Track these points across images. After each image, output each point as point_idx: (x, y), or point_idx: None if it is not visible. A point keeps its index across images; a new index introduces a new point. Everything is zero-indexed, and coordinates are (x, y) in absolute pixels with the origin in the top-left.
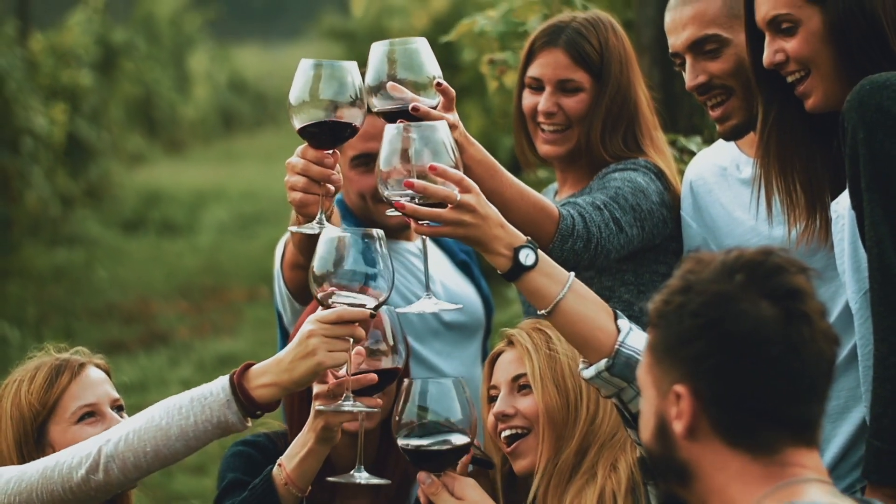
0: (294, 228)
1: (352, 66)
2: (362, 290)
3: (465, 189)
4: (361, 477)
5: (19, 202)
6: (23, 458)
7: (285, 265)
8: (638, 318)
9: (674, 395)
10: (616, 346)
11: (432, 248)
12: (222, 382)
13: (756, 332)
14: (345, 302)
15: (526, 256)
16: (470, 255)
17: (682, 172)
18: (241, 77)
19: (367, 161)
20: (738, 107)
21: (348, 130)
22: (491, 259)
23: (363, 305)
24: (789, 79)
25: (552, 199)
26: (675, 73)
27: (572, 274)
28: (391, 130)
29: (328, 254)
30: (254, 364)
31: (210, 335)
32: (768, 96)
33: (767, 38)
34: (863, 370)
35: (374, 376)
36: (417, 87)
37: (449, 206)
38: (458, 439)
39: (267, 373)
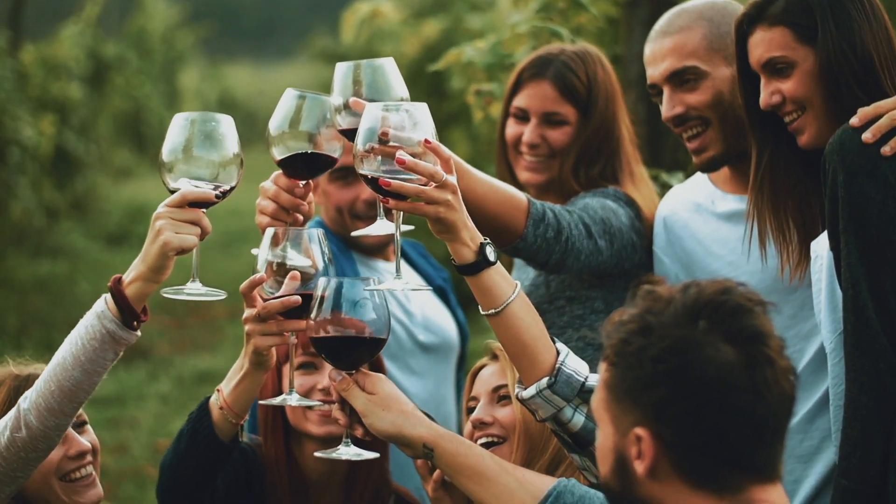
0: (257, 252)
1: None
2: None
3: (449, 170)
4: (350, 452)
5: (4, 213)
6: None
7: None
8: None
9: (634, 437)
10: (558, 365)
11: (409, 271)
12: (100, 298)
13: (721, 379)
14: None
15: (490, 252)
16: (447, 282)
17: None
18: (231, 95)
19: (346, 175)
20: (715, 138)
21: (326, 163)
22: (457, 248)
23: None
24: (787, 119)
25: None
26: (659, 110)
27: (519, 283)
28: (372, 109)
29: (177, 140)
30: None
31: (190, 351)
32: (761, 137)
33: (763, 81)
34: (834, 409)
35: (298, 298)
36: None
37: (433, 185)
38: (372, 336)
39: (130, 270)
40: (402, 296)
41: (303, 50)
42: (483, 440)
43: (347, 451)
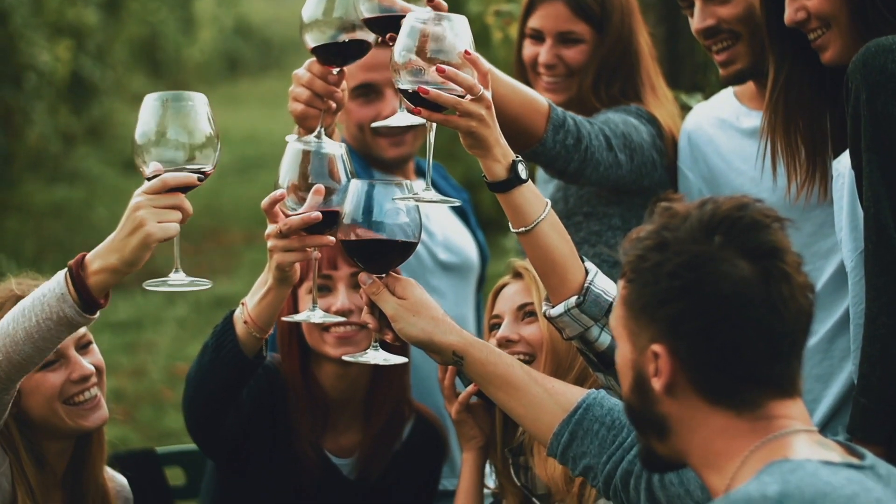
0: (291, 139)
1: None
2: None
3: (487, 85)
4: (378, 357)
5: (20, 138)
6: None
7: None
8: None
9: (651, 353)
10: (587, 285)
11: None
12: (59, 276)
13: (737, 295)
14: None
15: (522, 169)
16: (467, 203)
17: None
18: (246, 22)
19: (367, 92)
20: (744, 52)
21: (359, 49)
22: (488, 165)
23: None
24: (811, 36)
25: None
26: (679, 31)
27: (549, 201)
28: (412, 20)
29: (150, 122)
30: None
31: (207, 276)
32: (780, 56)
33: None
34: (853, 328)
35: (319, 214)
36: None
37: (469, 97)
38: (405, 238)
39: (98, 258)
40: (423, 215)
41: None
42: None
43: (376, 356)
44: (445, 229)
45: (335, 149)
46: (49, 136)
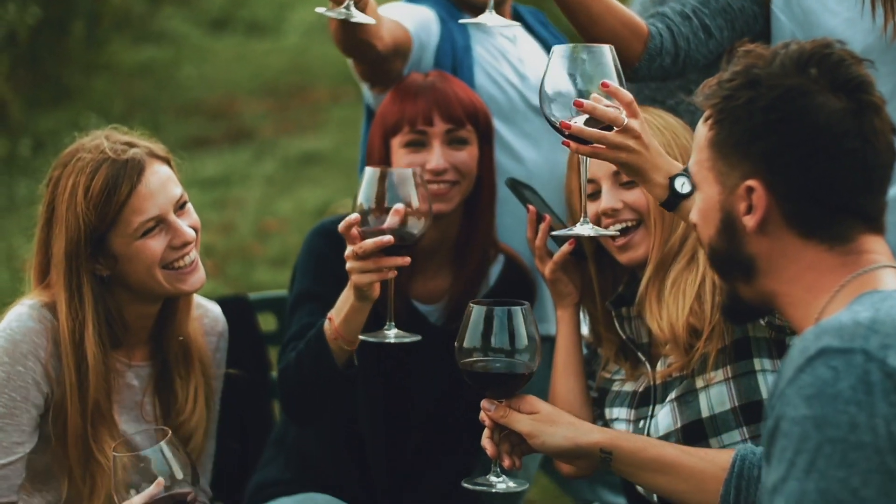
0: (320, 10)
1: None
2: None
3: (632, 114)
4: (501, 484)
5: None
6: (70, 272)
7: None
8: None
9: (745, 190)
10: None
11: (526, 37)
12: None
13: (833, 126)
14: None
15: (682, 185)
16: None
17: None
18: None
19: None
20: None
21: None
22: (649, 189)
23: None
24: None
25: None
26: None
27: None
28: (557, 53)
29: None
30: None
31: (294, 133)
32: None
33: None
34: None
35: (391, 238)
36: None
37: (615, 129)
38: (524, 366)
39: None
40: (516, 59)
41: None
42: (617, 227)
43: (498, 483)
44: (540, 74)
45: (365, 20)
46: None
